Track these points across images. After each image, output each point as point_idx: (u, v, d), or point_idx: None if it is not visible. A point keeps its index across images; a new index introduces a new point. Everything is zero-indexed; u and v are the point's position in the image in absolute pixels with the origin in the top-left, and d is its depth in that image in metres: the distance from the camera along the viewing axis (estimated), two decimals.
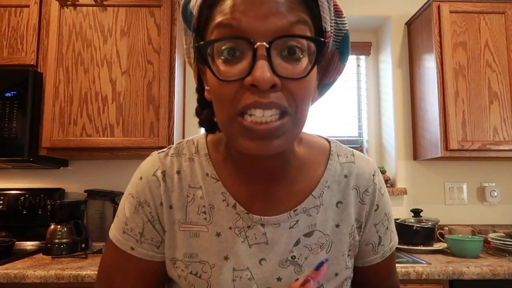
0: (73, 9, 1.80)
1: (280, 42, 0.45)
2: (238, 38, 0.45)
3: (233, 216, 0.57)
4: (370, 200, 0.62)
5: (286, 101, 0.46)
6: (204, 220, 0.58)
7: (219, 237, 0.57)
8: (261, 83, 0.43)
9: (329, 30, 0.52)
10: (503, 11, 1.88)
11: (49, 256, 1.66)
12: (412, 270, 1.41)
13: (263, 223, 0.57)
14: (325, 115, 2.35)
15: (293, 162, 0.59)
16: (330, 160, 0.62)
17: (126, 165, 2.06)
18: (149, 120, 1.75)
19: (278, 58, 0.46)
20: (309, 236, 0.58)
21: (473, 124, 1.83)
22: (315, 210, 0.59)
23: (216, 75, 0.46)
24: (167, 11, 1.80)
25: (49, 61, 1.76)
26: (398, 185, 2.14)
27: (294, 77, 0.46)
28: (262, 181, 0.58)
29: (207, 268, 0.57)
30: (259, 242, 0.57)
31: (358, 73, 2.41)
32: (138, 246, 0.58)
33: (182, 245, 0.58)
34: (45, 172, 2.06)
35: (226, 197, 0.58)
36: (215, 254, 0.57)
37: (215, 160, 0.60)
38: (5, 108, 1.68)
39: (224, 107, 0.47)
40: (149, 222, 0.58)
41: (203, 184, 0.59)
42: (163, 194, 0.58)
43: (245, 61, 0.45)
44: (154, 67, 1.78)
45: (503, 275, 1.41)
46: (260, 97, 0.44)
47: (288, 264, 0.57)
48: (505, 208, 2.14)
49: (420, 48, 2.06)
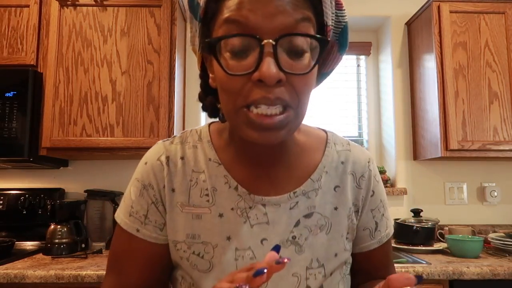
0: (73, 9, 1.80)
1: (285, 40, 0.47)
2: (247, 36, 0.47)
3: (235, 197, 0.60)
4: (366, 186, 0.65)
5: (289, 96, 0.49)
6: (207, 202, 0.60)
7: (222, 218, 0.59)
8: (267, 79, 0.46)
9: (330, 24, 0.54)
10: (503, 11, 1.88)
11: (49, 256, 1.66)
12: (412, 270, 1.41)
13: (264, 203, 0.60)
14: (325, 115, 2.35)
15: (293, 149, 0.63)
16: (327, 147, 0.65)
17: (126, 165, 2.06)
18: (149, 120, 1.75)
19: (283, 55, 0.48)
20: (309, 218, 0.61)
21: (473, 124, 1.83)
22: (314, 193, 0.62)
23: (224, 69, 0.48)
24: (167, 11, 1.80)
25: (49, 61, 1.76)
26: (398, 185, 2.14)
27: (298, 73, 0.48)
28: (263, 165, 0.61)
29: (210, 249, 0.58)
30: (260, 222, 0.59)
31: (358, 73, 2.41)
32: (143, 228, 0.61)
33: (185, 227, 0.60)
34: (45, 172, 2.06)
35: (228, 180, 0.60)
36: (218, 234, 0.59)
37: (217, 146, 0.63)
38: (5, 108, 1.68)
39: (230, 99, 0.50)
40: (153, 204, 0.61)
41: (206, 168, 0.61)
42: (166, 177, 0.61)
43: (252, 56, 0.47)
44: (154, 67, 1.78)
45: (503, 275, 1.41)
46: (267, 92, 0.47)
47: (289, 244, 0.59)
48: (505, 208, 2.14)
49: (420, 48, 2.06)
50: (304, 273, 0.58)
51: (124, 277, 0.62)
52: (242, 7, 0.47)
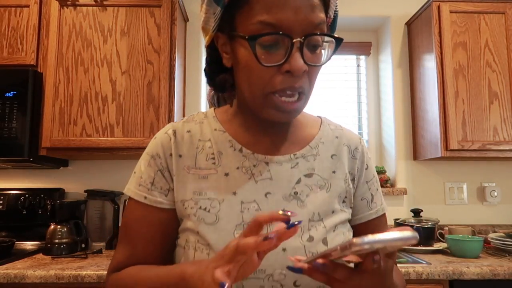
0: (73, 9, 1.80)
1: (310, 38, 0.57)
2: (281, 35, 0.55)
3: (240, 158, 0.66)
4: (361, 158, 0.72)
5: (306, 84, 0.59)
6: (213, 164, 0.66)
7: (227, 177, 0.64)
8: (296, 71, 0.55)
9: (331, 15, 0.64)
10: (503, 11, 1.89)
11: (49, 256, 1.66)
12: (412, 270, 1.41)
13: (267, 161, 0.66)
14: (325, 115, 2.34)
15: (293, 123, 0.71)
16: (322, 125, 0.74)
17: (126, 165, 2.06)
18: (149, 120, 1.75)
19: (307, 50, 0.57)
20: (309, 177, 0.66)
21: (473, 124, 1.83)
22: (312, 157, 0.68)
23: (259, 61, 0.56)
24: (167, 11, 1.80)
25: (49, 61, 1.76)
26: (398, 185, 2.14)
27: (316, 64, 0.59)
28: (266, 135, 0.68)
29: (216, 204, 0.63)
30: (264, 178, 0.65)
31: (358, 73, 2.41)
32: (149, 194, 0.65)
33: (192, 186, 0.64)
34: (45, 172, 2.06)
35: (233, 144, 0.67)
36: (223, 191, 0.63)
37: (222, 120, 0.70)
38: (5, 108, 1.68)
39: (258, 85, 0.58)
40: (159, 171, 0.66)
41: (211, 137, 0.68)
42: (173, 146, 0.67)
43: (281, 50, 0.56)
44: (154, 67, 1.78)
45: (503, 275, 1.41)
46: (293, 82, 0.57)
47: (291, 199, 0.64)
48: (505, 208, 2.14)
49: (420, 48, 2.06)
50: (306, 224, 0.62)
51: (133, 246, 0.65)
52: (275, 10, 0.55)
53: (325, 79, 2.35)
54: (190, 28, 2.19)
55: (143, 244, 0.65)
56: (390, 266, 0.50)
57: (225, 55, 0.65)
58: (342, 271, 0.49)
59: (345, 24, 2.32)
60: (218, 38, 0.65)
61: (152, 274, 0.59)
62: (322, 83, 2.35)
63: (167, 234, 0.66)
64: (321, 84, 2.35)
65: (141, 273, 0.61)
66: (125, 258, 0.65)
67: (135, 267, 0.64)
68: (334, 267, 0.49)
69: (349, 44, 2.37)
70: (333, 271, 0.49)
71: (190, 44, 2.18)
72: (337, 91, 2.37)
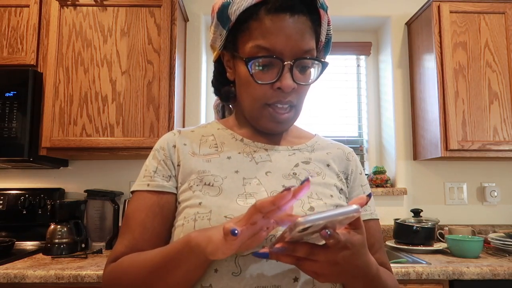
0: (73, 9, 1.80)
1: (299, 61, 0.66)
2: (275, 58, 0.65)
3: (241, 145, 0.74)
4: (355, 162, 0.79)
5: (295, 99, 0.69)
6: (216, 150, 0.73)
7: (229, 159, 0.71)
8: (286, 88, 0.65)
9: (322, 39, 0.73)
10: (503, 11, 1.89)
11: (49, 256, 1.66)
12: (412, 270, 1.41)
13: (266, 149, 0.74)
14: (325, 115, 2.35)
15: (289, 133, 0.80)
16: (317, 137, 0.82)
17: (126, 165, 2.06)
18: (149, 120, 1.75)
19: (296, 71, 0.67)
20: (307, 164, 0.73)
21: (473, 124, 1.83)
22: (308, 152, 0.76)
23: (254, 79, 0.66)
24: (167, 11, 1.80)
25: (49, 61, 1.76)
26: (398, 185, 2.14)
27: (304, 83, 0.68)
28: (265, 138, 0.76)
29: (219, 179, 0.67)
30: (264, 160, 0.72)
31: (358, 73, 2.41)
32: (152, 181, 0.70)
33: (196, 167, 0.69)
34: (45, 172, 2.06)
35: (234, 136, 0.75)
36: (226, 169, 0.69)
37: (224, 124, 0.79)
38: (5, 108, 1.68)
39: (255, 98, 0.68)
40: (162, 161, 0.72)
41: (214, 133, 0.76)
42: (177, 139, 0.74)
43: (274, 70, 0.66)
44: (154, 67, 1.78)
45: (503, 275, 1.41)
46: (283, 97, 0.67)
47: (290, 178, 0.69)
48: (505, 208, 2.14)
49: (420, 48, 2.06)
50: (306, 199, 0.66)
51: (132, 235, 0.67)
52: (271, 37, 0.64)
53: (325, 79, 2.35)
54: (190, 28, 2.18)
55: (140, 231, 0.67)
56: (357, 240, 0.52)
57: (229, 69, 0.75)
58: (302, 248, 0.51)
59: (345, 24, 2.32)
60: (223, 55, 0.75)
61: (153, 253, 0.61)
62: (322, 83, 2.35)
63: (166, 220, 0.68)
64: (321, 84, 2.35)
65: (140, 256, 0.63)
66: (124, 247, 0.66)
67: (133, 254, 0.65)
68: (293, 247, 0.51)
69: (349, 44, 2.37)
70: (293, 251, 0.51)
71: (190, 44, 2.18)
72: (337, 91, 2.37)
